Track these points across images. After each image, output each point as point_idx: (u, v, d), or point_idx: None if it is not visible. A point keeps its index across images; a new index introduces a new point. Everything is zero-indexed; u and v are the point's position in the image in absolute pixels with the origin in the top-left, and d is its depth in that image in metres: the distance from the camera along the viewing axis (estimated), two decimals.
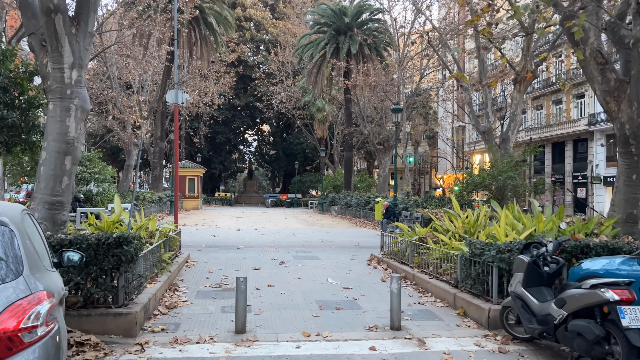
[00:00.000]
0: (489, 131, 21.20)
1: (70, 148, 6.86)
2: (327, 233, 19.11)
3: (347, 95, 33.62)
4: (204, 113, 48.45)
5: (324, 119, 51.54)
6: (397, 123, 19.96)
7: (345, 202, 31.16)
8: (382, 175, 37.59)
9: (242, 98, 60.72)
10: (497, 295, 6.58)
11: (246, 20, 60.32)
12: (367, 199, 26.84)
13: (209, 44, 33.59)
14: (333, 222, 26.46)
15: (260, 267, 10.28)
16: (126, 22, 32.08)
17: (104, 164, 21.44)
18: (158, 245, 8.59)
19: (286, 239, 16.64)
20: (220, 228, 20.40)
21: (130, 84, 36.04)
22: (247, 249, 13.42)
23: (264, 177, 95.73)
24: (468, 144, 56.16)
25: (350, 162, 36.14)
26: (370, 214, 25.37)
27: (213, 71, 41.35)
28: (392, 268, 10.33)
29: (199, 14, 32.09)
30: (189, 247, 13.46)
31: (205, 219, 26.40)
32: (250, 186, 69.71)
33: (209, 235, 17.27)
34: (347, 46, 31.84)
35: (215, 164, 63.24)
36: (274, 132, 69.57)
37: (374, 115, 41.12)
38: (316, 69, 35.06)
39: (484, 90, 21.82)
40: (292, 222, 25.50)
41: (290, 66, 51.55)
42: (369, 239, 16.87)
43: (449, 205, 21.00)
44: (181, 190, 39.97)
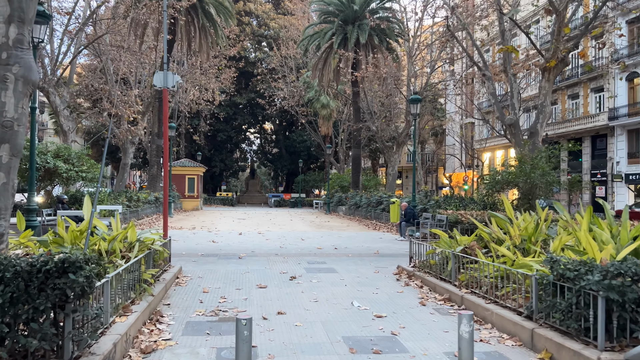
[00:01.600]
0: (516, 124, 19.26)
1: (7, 133, 4.97)
2: (338, 237, 17.21)
3: (355, 88, 31.69)
4: (205, 110, 46.62)
5: (328, 115, 49.62)
6: (415, 115, 18.04)
7: (354, 203, 29.25)
8: (391, 173, 35.66)
9: (243, 95, 58.87)
10: (605, 337, 4.67)
11: (247, 14, 58.45)
12: (378, 199, 24.92)
13: (208, 35, 31.69)
14: (342, 224, 24.55)
15: (267, 285, 8.38)
16: (121, 10, 30.30)
17: (93, 162, 19.56)
18: (137, 261, 6.71)
19: (294, 244, 14.75)
20: (220, 232, 18.52)
21: (126, 78, 34.24)
22: (250, 259, 11.52)
23: (266, 176, 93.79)
24: (478, 141, 54.23)
25: (358, 159, 34.24)
26: (383, 215, 23.45)
27: (213, 65, 39.48)
28: (428, 285, 8.43)
29: (197, 3, 30.20)
30: (183, 256, 11.57)
31: (205, 221, 24.52)
32: (252, 185, 67.90)
33: (208, 240, 15.38)
34: (355, 36, 29.91)
35: (216, 162, 61.37)
36: (277, 130, 67.73)
37: (381, 111, 39.26)
38: (322, 61, 33.14)
39: (509, 79, 19.87)
40: (298, 224, 23.61)
41: (293, 61, 49.72)
42: (388, 245, 14.95)
43: (472, 205, 19.09)
44: (180, 190, 38.14)
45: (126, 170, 35.56)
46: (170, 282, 8.17)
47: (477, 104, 49.57)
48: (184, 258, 11.40)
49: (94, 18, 26.41)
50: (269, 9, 59.47)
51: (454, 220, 15.45)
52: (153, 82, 9.07)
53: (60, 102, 25.73)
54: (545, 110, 19.10)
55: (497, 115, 20.73)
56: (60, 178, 18.06)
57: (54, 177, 18.23)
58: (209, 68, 39.13)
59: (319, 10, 33.33)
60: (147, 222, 22.09)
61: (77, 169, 18.32)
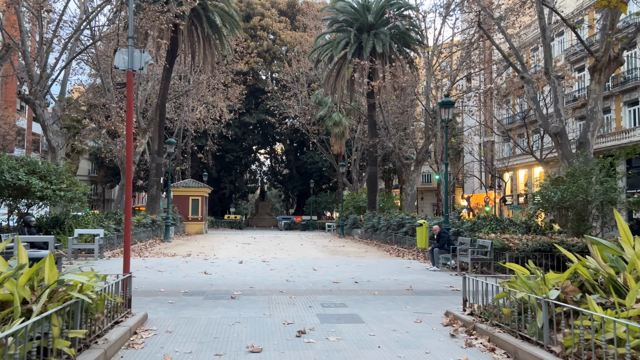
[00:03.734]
0: (563, 133, 16.49)
1: None
2: (357, 266, 14.42)
3: (370, 100, 29.17)
4: (212, 129, 44.53)
5: (341, 133, 47.25)
6: (448, 120, 15.37)
7: (371, 225, 26.45)
8: (410, 193, 32.85)
9: (253, 114, 56.88)
10: None
11: (263, 29, 56.86)
12: (400, 220, 22.12)
13: (213, 45, 29.56)
14: (359, 249, 21.74)
15: (263, 348, 5.65)
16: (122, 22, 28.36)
17: (75, 179, 17.11)
18: (43, 319, 4.08)
19: (304, 276, 12.00)
20: (218, 260, 15.83)
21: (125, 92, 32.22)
22: (246, 299, 8.81)
23: (277, 198, 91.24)
24: (499, 160, 51.34)
25: (374, 178, 31.53)
26: (406, 239, 20.63)
27: (219, 80, 37.39)
28: (504, 348, 5.63)
29: (201, 11, 28.15)
30: (160, 295, 8.92)
31: (205, 247, 21.86)
32: (262, 208, 65.42)
33: (200, 271, 12.70)
34: (371, 44, 27.53)
35: (225, 184, 59.02)
36: (287, 150, 65.47)
37: (397, 126, 36.77)
38: (335, 72, 30.76)
39: (551, 82, 17.19)
40: (309, 250, 20.85)
41: (305, 78, 47.72)
42: (421, 278, 12.13)
43: (512, 228, 16.24)
44: (183, 212, 35.71)
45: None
46: (117, 345, 5.47)
47: (497, 120, 46.97)
48: (160, 298, 8.73)
49: (91, 26, 24.35)
50: (283, 27, 57.87)
51: (500, 247, 12.64)
52: (114, 64, 6.52)
53: (49, 116, 23.51)
54: (596, 117, 16.39)
55: (539, 124, 18.01)
56: (34, 197, 15.59)
57: (28, 196, 15.78)
58: (216, 83, 37.04)
59: (331, 19, 31.10)
60: (139, 248, 19.49)
61: (54, 187, 15.85)
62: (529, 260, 8.03)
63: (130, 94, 7.24)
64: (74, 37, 23.66)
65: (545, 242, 12.44)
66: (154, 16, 22.67)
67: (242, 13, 47.10)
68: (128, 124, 7.22)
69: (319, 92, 47.29)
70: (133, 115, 6.56)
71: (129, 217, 7.25)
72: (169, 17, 23.26)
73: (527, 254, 12.33)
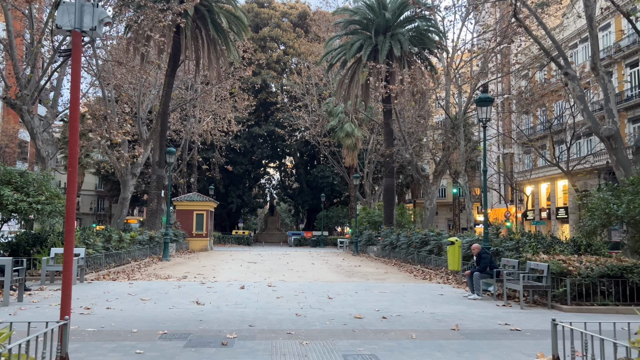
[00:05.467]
0: (617, 136, 14.20)
1: None
2: (380, 293, 12.13)
3: (387, 105, 27.00)
4: (219, 141, 42.70)
5: (353, 145, 45.10)
6: (485, 120, 13.14)
7: (389, 242, 24.13)
8: (430, 207, 30.50)
9: (263, 127, 55.10)
10: None
11: (273, 40, 55.35)
12: (423, 237, 19.78)
13: (218, 49, 27.70)
14: (378, 269, 19.42)
15: None
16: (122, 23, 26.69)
17: (57, 191, 15.06)
18: None
19: (318, 308, 9.76)
20: (216, 284, 13.61)
21: (123, 98, 30.43)
22: (240, 348, 6.57)
23: (286, 213, 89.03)
24: (519, 173, 48.80)
25: (391, 190, 29.25)
26: (431, 259, 18.29)
27: (226, 89, 35.57)
28: None
29: (205, 12, 26.36)
30: (130, 338, 6.73)
31: (206, 267, 19.67)
32: (271, 223, 63.31)
33: (191, 300, 10.49)
34: (387, 47, 25.48)
35: (232, 198, 57.00)
36: (297, 163, 63.50)
37: (414, 134, 34.63)
38: (349, 77, 28.71)
39: (600, 79, 14.96)
40: (322, 271, 18.56)
41: (316, 89, 45.92)
42: (462, 310, 9.81)
43: (558, 247, 13.85)
44: (187, 227, 33.64)
45: (125, 205, 31.29)
46: None
47: (519, 129, 44.66)
48: (126, 345, 6.52)
49: None
50: (294, 37, 56.33)
51: (557, 271, 10.30)
52: (56, 23, 4.35)
53: (38, 123, 21.64)
54: None
55: (590, 126, 15.75)
56: (5, 210, 13.55)
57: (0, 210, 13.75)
58: (222, 91, 35.20)
59: (344, 21, 29.14)
60: (131, 268, 17.35)
61: (31, 200, 13.81)
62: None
63: (78, 62, 5.13)
64: (68, 36, 21.88)
65: (614, 265, 10.11)
66: (155, 15, 20.80)
67: (250, 23, 45.49)
68: (73, 101, 5.11)
69: (329, 101, 45.38)
70: (80, 90, 4.38)
71: (70, 233, 5.08)
72: (173, 18, 21.42)
73: (592, 281, 10.01)
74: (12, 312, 8.64)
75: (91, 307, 9.35)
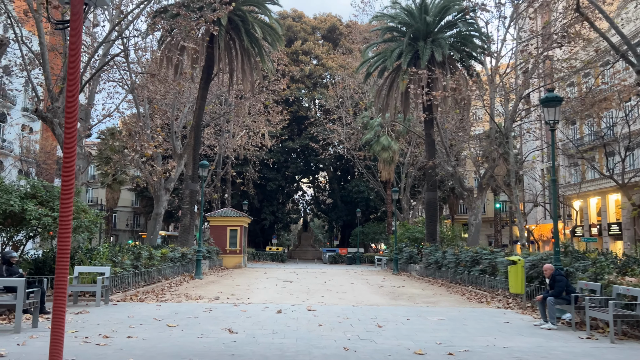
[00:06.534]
0: None
1: None
2: (436, 321, 10.63)
3: (428, 114, 25.52)
4: (253, 156, 42.05)
5: (390, 159, 43.67)
6: (554, 122, 11.56)
7: (434, 260, 22.48)
8: (474, 223, 28.68)
9: (296, 141, 54.32)
10: None
11: (305, 54, 54.85)
12: (474, 256, 18.11)
13: (252, 60, 26.93)
14: (424, 291, 17.83)
15: None
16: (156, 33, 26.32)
17: (84, 206, 14.25)
18: None
19: (368, 339, 8.38)
20: (251, 307, 12.39)
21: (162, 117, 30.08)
22: None
23: (319, 229, 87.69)
24: (565, 187, 46.16)
25: (434, 204, 27.59)
26: (485, 280, 16.62)
27: (259, 102, 34.88)
28: None
29: (239, 22, 25.67)
30: None
31: (239, 286, 18.51)
32: (305, 239, 62.08)
33: (223, 327, 9.27)
34: (429, 52, 24.13)
35: (266, 214, 56.17)
36: (331, 178, 62.34)
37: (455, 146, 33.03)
38: (387, 86, 27.43)
39: None
40: (364, 292, 17.11)
41: (351, 101, 44.90)
42: (541, 343, 8.22)
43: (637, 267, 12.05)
44: (220, 243, 32.76)
45: (158, 221, 30.69)
46: None
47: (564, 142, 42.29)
48: None
49: (122, 36, 22.14)
50: (326, 50, 55.78)
51: None
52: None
53: None
54: None
55: None
56: (29, 226, 12.75)
57: (23, 225, 12.97)
58: (256, 104, 34.51)
59: (382, 29, 27.95)
60: (161, 288, 16.36)
61: (55, 214, 12.99)
62: None
63: (78, 34, 4.04)
64: (102, 48, 21.50)
65: None
66: (187, 23, 20.10)
67: (284, 34, 44.96)
68: (71, 71, 4.02)
69: (365, 114, 44.20)
70: (79, 68, 3.22)
71: (64, 253, 3.95)
72: (206, 27, 20.72)
73: None
74: (20, 342, 7.60)
75: (110, 335, 8.24)
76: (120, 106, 43.71)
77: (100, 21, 30.13)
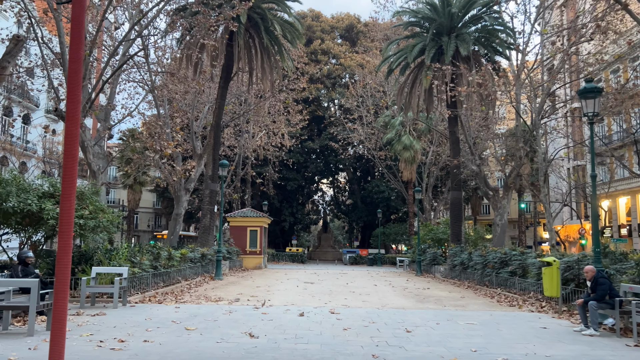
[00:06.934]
0: None
1: None
2: (468, 326, 10.04)
3: (453, 111, 24.81)
4: (272, 156, 41.78)
5: (411, 158, 42.90)
6: (593, 115, 10.86)
7: (460, 262, 21.77)
8: (500, 224, 27.83)
9: (316, 141, 53.92)
10: None
11: (324, 53, 54.45)
12: (502, 257, 17.39)
13: (272, 59, 26.57)
14: (451, 293, 17.18)
15: None
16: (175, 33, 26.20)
17: (101, 205, 13.98)
18: None
19: (398, 345, 7.85)
20: (272, 309, 11.94)
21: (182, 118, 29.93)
22: None
23: (339, 230, 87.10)
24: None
25: (459, 204, 26.85)
26: (515, 282, 15.89)
27: (279, 101, 34.54)
28: None
29: (259, 20, 25.33)
30: None
31: (260, 287, 18.11)
32: (325, 240, 61.59)
33: (243, 331, 8.83)
34: (453, 47, 23.43)
35: (286, 215, 55.85)
36: (351, 178, 61.81)
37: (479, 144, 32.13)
38: (410, 82, 26.78)
39: None
40: (388, 294, 16.54)
41: (371, 100, 44.30)
42: (586, 352, 7.58)
43: None
44: (240, 244, 32.48)
45: (178, 221, 30.52)
46: None
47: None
48: None
49: (142, 35, 21.98)
50: (345, 49, 55.32)
51: None
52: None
53: (89, 136, 21.07)
54: None
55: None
56: (47, 225, 12.51)
57: (40, 225, 12.75)
58: (276, 103, 34.17)
59: (404, 24, 27.31)
60: (180, 289, 16.04)
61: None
62: None
63: (82, 8, 3.62)
64: (121, 47, 21.34)
65: None
66: (207, 20, 19.81)
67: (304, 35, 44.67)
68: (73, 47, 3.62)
69: (387, 114, 43.54)
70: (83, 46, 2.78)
71: (66, 257, 3.53)
72: (226, 24, 20.43)
73: None
74: (32, 346, 7.26)
75: (126, 339, 7.87)
76: (141, 107, 43.78)
77: (120, 22, 30.15)
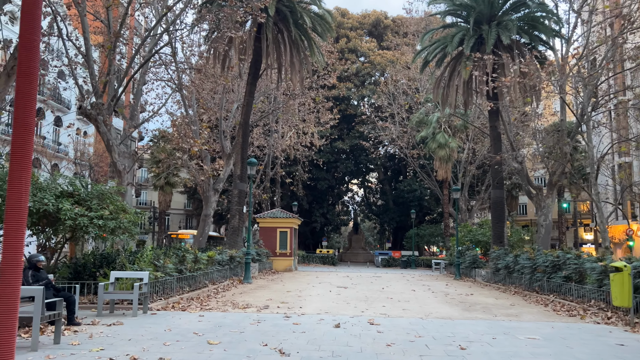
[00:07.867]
0: None
1: None
2: (530, 341, 8.71)
3: (495, 103, 23.27)
4: (302, 156, 40.90)
5: (447, 157, 41.29)
6: None
7: (505, 265, 20.24)
8: (544, 224, 26.12)
9: (346, 140, 52.77)
10: None
11: (351, 52, 53.35)
12: (554, 260, 15.85)
13: (301, 53, 25.57)
14: (497, 300, 15.76)
15: None
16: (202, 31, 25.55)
17: (123, 205, 13.18)
18: None
19: None
20: (304, 318, 10.85)
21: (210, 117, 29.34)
22: None
23: (370, 231, 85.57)
24: None
25: (501, 204, 25.26)
26: (570, 288, 14.38)
27: (309, 98, 33.57)
28: None
29: (287, 13, 24.38)
30: None
31: (290, 292, 17.07)
32: (356, 242, 60.32)
33: (273, 347, 7.75)
34: (494, 36, 21.93)
35: (316, 217, 54.84)
36: (382, 179, 60.40)
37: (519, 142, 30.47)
38: (447, 74, 25.34)
39: None
40: (429, 301, 15.24)
41: (404, 97, 42.93)
42: None
43: None
44: (270, 245, 31.60)
45: (207, 222, 29.87)
46: None
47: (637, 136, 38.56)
48: None
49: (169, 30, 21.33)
50: (373, 46, 54.07)
51: None
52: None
53: (115, 135, 20.49)
54: None
55: None
56: (64, 226, 11.75)
57: (58, 226, 12.00)
58: (306, 100, 33.22)
59: (441, 12, 25.89)
60: (206, 294, 15.15)
61: (92, 214, 11.94)
62: None
63: None
64: (148, 41, 20.72)
65: None
66: (234, 12, 18.92)
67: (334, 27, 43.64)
68: None
69: (421, 111, 42.05)
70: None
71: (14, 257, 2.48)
72: (253, 16, 19.53)
73: None
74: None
75: (140, 355, 6.90)
76: (170, 108, 43.42)
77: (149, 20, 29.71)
